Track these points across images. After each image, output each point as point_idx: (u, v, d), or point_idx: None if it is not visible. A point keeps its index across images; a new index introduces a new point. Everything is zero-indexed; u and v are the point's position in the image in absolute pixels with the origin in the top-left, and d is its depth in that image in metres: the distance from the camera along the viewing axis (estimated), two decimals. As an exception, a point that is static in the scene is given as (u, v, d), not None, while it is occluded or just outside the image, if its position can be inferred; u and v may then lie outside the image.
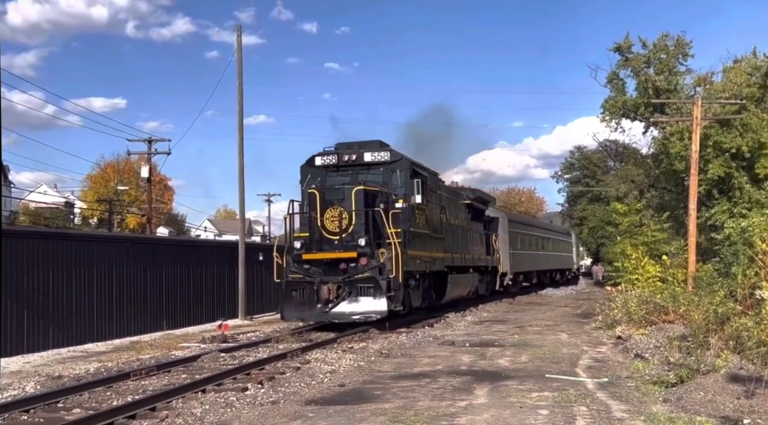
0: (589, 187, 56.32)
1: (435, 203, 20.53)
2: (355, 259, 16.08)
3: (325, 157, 18.49)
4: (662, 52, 31.92)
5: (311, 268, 16.38)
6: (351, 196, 16.50)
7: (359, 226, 16.34)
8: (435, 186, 20.95)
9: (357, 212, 16.40)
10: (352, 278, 15.97)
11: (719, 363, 9.44)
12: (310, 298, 16.17)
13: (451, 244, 21.85)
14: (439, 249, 20.38)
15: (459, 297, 23.55)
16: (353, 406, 8.11)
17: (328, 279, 16.05)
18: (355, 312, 15.81)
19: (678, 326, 13.94)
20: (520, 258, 33.93)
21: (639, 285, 20.22)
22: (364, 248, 16.01)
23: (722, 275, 19.01)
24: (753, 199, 26.59)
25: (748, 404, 7.54)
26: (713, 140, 26.87)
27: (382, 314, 15.69)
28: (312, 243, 16.74)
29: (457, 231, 23.18)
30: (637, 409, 7.77)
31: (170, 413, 7.92)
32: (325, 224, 16.48)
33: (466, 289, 23.98)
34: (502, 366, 11.21)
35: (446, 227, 21.64)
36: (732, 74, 29.32)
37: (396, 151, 18.86)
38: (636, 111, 33.06)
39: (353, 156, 18.17)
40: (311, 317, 16.74)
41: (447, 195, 22.85)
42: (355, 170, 18.13)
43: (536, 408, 7.82)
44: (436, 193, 20.92)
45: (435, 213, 20.30)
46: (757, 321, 10.79)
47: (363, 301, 15.75)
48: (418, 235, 18.28)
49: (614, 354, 12.57)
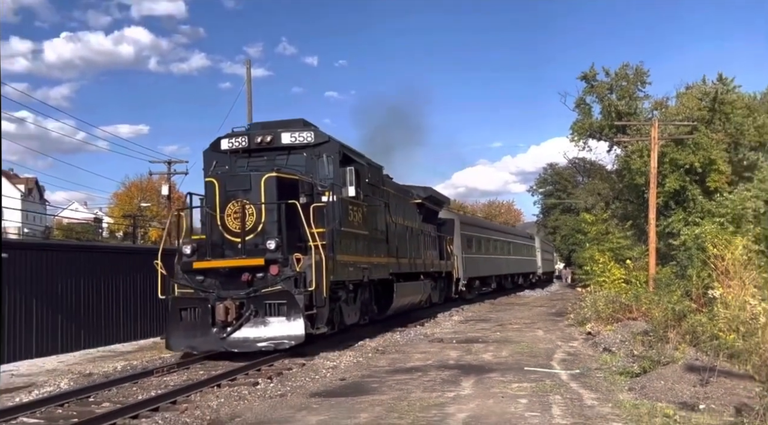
0: (561, 200, 56.47)
1: (378, 200, 15.45)
2: (263, 268, 11.21)
3: (233, 140, 13.29)
4: (623, 80, 32.20)
5: (206, 280, 11.44)
6: (260, 186, 11.52)
7: (270, 225, 11.47)
8: (378, 180, 15.84)
9: (267, 206, 11.49)
10: (258, 293, 11.12)
11: (677, 355, 9.46)
12: (203, 320, 11.18)
13: (397, 248, 16.83)
14: (382, 253, 15.33)
15: (408, 307, 18.70)
16: (353, 398, 8.08)
17: (226, 294, 11.14)
18: (261, 337, 10.99)
19: (641, 322, 13.94)
20: (475, 262, 28.88)
21: (606, 287, 20.23)
22: (275, 253, 11.15)
23: (679, 277, 19.06)
24: (705, 209, 26.68)
25: (703, 391, 7.55)
26: (669, 157, 27.08)
27: (298, 339, 10.90)
28: (208, 247, 11.84)
29: (405, 233, 18.00)
30: (606, 397, 7.77)
31: (189, 406, 7.88)
32: (227, 222, 11.53)
33: (417, 298, 19.09)
34: (485, 360, 11.18)
35: (392, 228, 16.49)
36: (685, 99, 29.59)
37: (323, 133, 13.49)
38: (601, 132, 33.27)
39: (267, 137, 13.04)
40: (204, 345, 11.42)
41: (394, 192, 17.63)
42: (272, 155, 13.18)
43: (516, 398, 7.81)
44: (379, 188, 15.80)
45: (377, 212, 15.19)
46: (709, 318, 10.84)
47: (273, 323, 11.01)
48: (352, 236, 13.21)
49: (585, 348, 12.55)
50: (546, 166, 61.98)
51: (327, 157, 13.27)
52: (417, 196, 20.49)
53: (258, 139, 13.13)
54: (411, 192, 20.20)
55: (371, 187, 15.02)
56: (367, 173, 14.85)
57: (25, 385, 9.61)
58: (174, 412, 7.55)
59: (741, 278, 12.20)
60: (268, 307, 11.10)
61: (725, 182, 27.58)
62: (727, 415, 6.66)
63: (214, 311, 11.01)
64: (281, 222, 11.53)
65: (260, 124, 13.99)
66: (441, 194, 24.36)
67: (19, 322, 12.82)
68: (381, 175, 16.42)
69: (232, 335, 11.06)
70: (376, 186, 15.50)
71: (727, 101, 28.99)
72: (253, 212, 11.52)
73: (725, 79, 30.12)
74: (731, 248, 13.09)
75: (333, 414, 7.18)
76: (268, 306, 11.10)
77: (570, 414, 6.87)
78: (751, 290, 11.56)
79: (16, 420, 7.45)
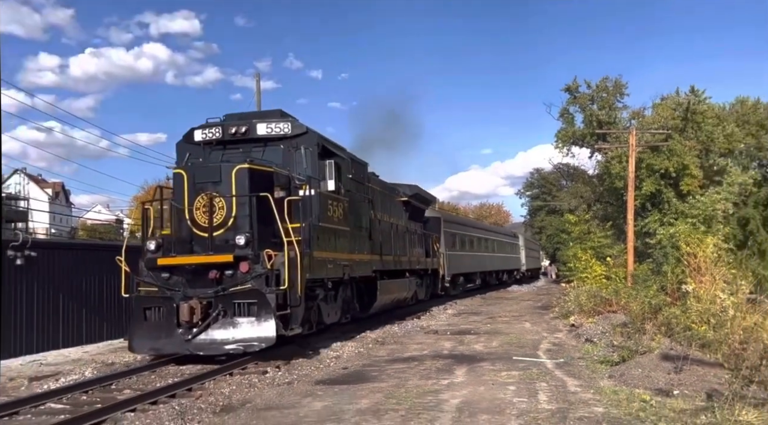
0: (547, 202, 56.43)
1: (361, 196, 14.13)
2: (232, 265, 9.81)
3: (206, 131, 11.88)
4: (603, 91, 32.23)
5: (172, 278, 10.07)
6: (230, 177, 10.18)
7: (241, 219, 10.10)
8: (362, 176, 14.40)
9: (238, 199, 10.13)
10: (226, 291, 9.74)
11: (653, 345, 9.46)
12: (168, 321, 9.82)
13: (381, 245, 15.39)
14: (365, 250, 13.98)
15: (393, 304, 17.20)
16: (355, 385, 8.08)
17: (193, 293, 9.79)
18: (229, 339, 9.58)
19: (620, 315, 13.93)
20: (459, 259, 27.45)
21: (588, 282, 20.22)
22: (245, 249, 9.79)
23: (655, 273, 19.13)
24: (679, 211, 26.79)
25: (677, 378, 7.56)
26: (646, 163, 27.13)
27: (269, 341, 9.52)
28: (175, 243, 10.41)
29: (390, 230, 16.57)
30: (588, 384, 7.77)
31: (204, 392, 7.88)
32: (195, 217, 10.16)
33: (402, 295, 17.69)
34: (477, 350, 11.17)
35: (376, 225, 15.14)
36: (660, 109, 29.64)
37: (301, 124, 12.03)
38: (583, 139, 33.27)
39: (242, 128, 11.69)
40: (168, 347, 9.97)
41: (380, 189, 16.26)
42: (247, 147, 11.79)
43: (506, 385, 7.81)
44: (363, 184, 14.43)
45: (360, 208, 13.84)
46: (683, 310, 10.86)
47: (242, 324, 9.62)
48: (331, 232, 11.86)
49: (569, 339, 12.54)
50: (533, 170, 62.02)
51: (305, 149, 11.76)
52: (403, 194, 18.97)
53: (232, 130, 11.71)
54: (397, 190, 18.65)
55: (354, 183, 13.57)
56: (350, 168, 13.31)
57: (52, 374, 9.59)
58: (189, 398, 7.55)
59: (712, 274, 12.21)
60: (237, 307, 9.69)
61: (697, 186, 27.62)
62: (699, 400, 6.67)
63: (178, 311, 9.63)
64: (252, 216, 10.12)
65: (236, 115, 12.44)
66: (427, 193, 22.54)
67: (47, 316, 12.82)
68: (365, 172, 14.90)
69: (198, 337, 9.65)
70: (359, 182, 14.05)
71: (699, 111, 29.04)
72: (223, 206, 10.13)
73: (697, 91, 30.15)
74: (703, 246, 13.11)
75: (336, 400, 7.18)
76: (237, 305, 9.69)
77: (555, 400, 6.87)
78: (721, 285, 11.56)
79: (45, 405, 7.44)
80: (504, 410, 6.46)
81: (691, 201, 26.82)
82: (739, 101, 34.37)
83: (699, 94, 30.08)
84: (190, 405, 7.10)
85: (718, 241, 14.97)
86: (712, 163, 29.68)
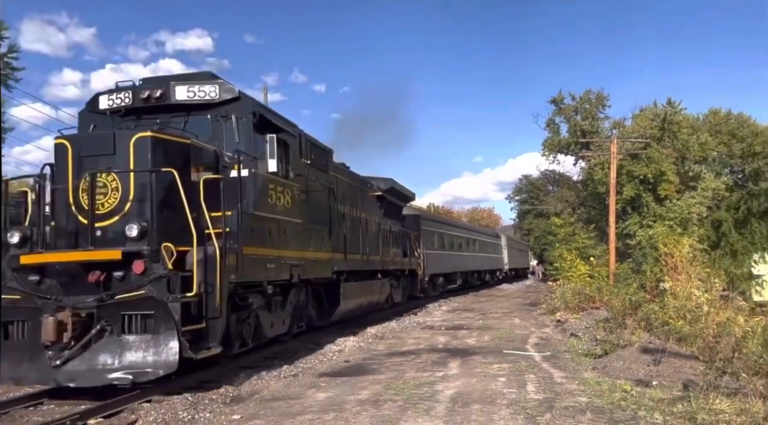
0: (534, 206, 56.55)
1: (321, 184, 11.26)
2: (122, 264, 6.88)
3: (114, 96, 8.75)
4: (586, 103, 32.36)
5: (45, 282, 7.10)
6: (128, 149, 7.26)
7: (140, 204, 7.18)
8: (323, 163, 11.51)
9: (137, 177, 7.20)
10: (112, 300, 6.83)
11: (634, 339, 9.46)
12: (33, 340, 6.85)
13: (346, 242, 12.50)
14: (324, 247, 11.09)
15: (363, 309, 14.43)
16: (356, 377, 8.07)
17: (69, 301, 6.87)
18: (113, 366, 6.65)
19: (602, 311, 13.92)
20: (439, 259, 24.82)
21: (573, 281, 20.22)
22: (139, 243, 6.92)
23: (635, 272, 19.10)
24: (657, 214, 26.82)
25: (656, 370, 7.57)
26: (626, 169, 27.19)
27: (168, 368, 6.62)
28: (56, 236, 7.43)
29: (359, 226, 13.69)
30: (573, 375, 7.77)
31: (216, 385, 7.85)
32: (81, 200, 7.23)
33: (374, 298, 14.95)
34: (470, 344, 11.16)
35: (340, 220, 12.32)
36: (639, 120, 29.74)
37: (233, 87, 8.82)
38: (568, 148, 33.36)
39: (157, 91, 8.57)
40: (32, 375, 6.85)
41: (348, 181, 13.35)
42: (166, 117, 8.66)
43: (496, 377, 7.81)
44: (325, 173, 11.58)
45: (318, 198, 11.04)
46: (661, 307, 10.87)
47: (132, 344, 6.72)
48: (274, 224, 8.79)
49: (555, 334, 12.54)
50: (521, 177, 62.36)
51: (237, 118, 8.64)
52: (377, 188, 16.09)
53: (144, 95, 8.58)
54: (370, 183, 15.73)
55: (312, 169, 10.69)
56: (303, 149, 10.34)
57: None
58: (203, 391, 7.53)
59: (687, 273, 12.23)
60: (126, 321, 6.73)
61: (674, 190, 27.67)
62: (676, 390, 6.67)
63: (44, 328, 6.61)
64: (153, 199, 7.12)
65: (155, 79, 9.16)
66: (405, 188, 18.99)
67: None
68: (328, 159, 11.89)
69: (69, 362, 6.64)
70: (319, 168, 11.17)
71: (675, 122, 29.15)
72: (117, 186, 7.12)
73: (673, 103, 30.28)
74: (679, 247, 13.14)
75: (339, 391, 7.17)
76: (126, 319, 6.73)
77: (542, 390, 6.88)
78: (696, 283, 11.59)
79: None
80: (495, 400, 6.46)
81: (669, 205, 26.88)
82: (712, 112, 34.48)
83: (675, 105, 30.20)
84: (203, 396, 7.09)
85: (693, 242, 14.99)
86: (687, 170, 29.76)
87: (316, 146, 11.25)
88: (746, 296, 17.54)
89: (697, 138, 29.74)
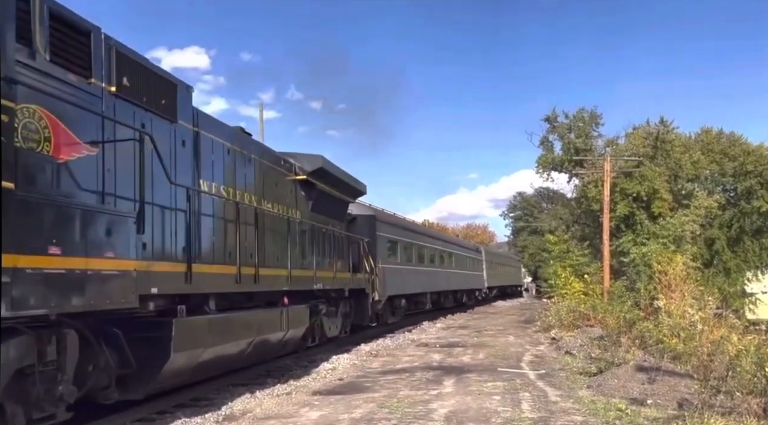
0: (528, 223, 56.74)
1: (134, 132, 5.78)
2: None
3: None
4: (580, 121, 32.62)
5: None
6: None
7: None
8: (142, 89, 6.16)
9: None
10: None
11: (628, 357, 9.46)
12: None
13: (200, 242, 7.18)
14: (112, 249, 5.09)
15: (240, 358, 8.41)
16: (350, 395, 8.00)
17: None
18: None
19: (597, 329, 13.93)
20: (400, 275, 18.76)
21: (567, 298, 20.24)
22: None
23: (629, 289, 19.15)
24: (650, 231, 26.95)
25: (651, 388, 7.55)
26: (620, 187, 27.35)
27: None
28: None
29: (236, 216, 8.02)
30: (568, 394, 7.74)
31: (208, 403, 7.78)
32: None
33: (270, 338, 9.07)
34: (464, 362, 11.11)
35: (176, 196, 6.72)
36: (632, 138, 30.00)
37: None
38: (562, 165, 33.55)
39: None
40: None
41: (229, 144, 8.19)
42: None
43: (491, 395, 7.77)
44: (163, 118, 6.57)
45: (121, 159, 5.71)
46: (655, 324, 10.89)
47: None
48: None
49: (550, 352, 12.49)
50: (516, 194, 62.75)
51: None
52: (300, 170, 10.76)
53: None
54: (288, 162, 10.49)
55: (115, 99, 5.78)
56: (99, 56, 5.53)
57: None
58: (195, 408, 7.45)
59: (681, 290, 12.29)
60: None
61: (667, 208, 27.84)
62: (671, 409, 6.66)
63: None
64: None
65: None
66: (348, 175, 13.18)
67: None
68: (171, 96, 6.81)
69: None
70: (138, 104, 6.15)
71: (668, 140, 29.43)
72: None
73: (666, 122, 30.58)
74: (673, 265, 13.21)
75: (332, 410, 7.11)
76: None
77: (537, 409, 6.84)
78: (690, 301, 11.63)
79: None
80: (489, 419, 6.41)
81: (662, 222, 27.02)
82: (704, 131, 34.85)
83: (668, 124, 30.51)
84: (193, 413, 7.00)
85: (686, 260, 15.07)
86: (680, 188, 30.00)
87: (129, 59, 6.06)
88: (740, 314, 17.61)
89: (690, 156, 30.02)
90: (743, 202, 31.76)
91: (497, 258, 43.07)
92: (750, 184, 31.49)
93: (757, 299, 32.96)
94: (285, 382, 9.25)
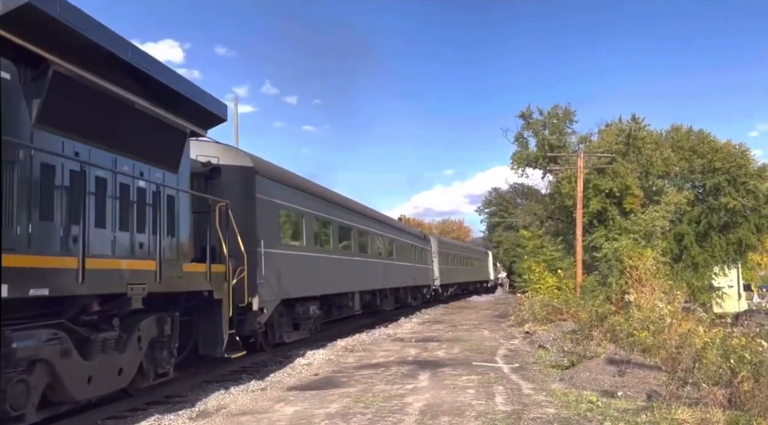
0: (503, 218, 57.32)
1: None
2: None
3: None
4: (554, 118, 32.98)
5: None
6: None
7: None
8: None
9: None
10: None
11: (600, 351, 9.65)
12: None
13: None
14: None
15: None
16: (325, 391, 8.01)
17: None
18: None
19: (570, 323, 14.16)
20: (301, 267, 12.40)
21: (541, 292, 20.51)
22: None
23: (601, 284, 19.50)
24: (622, 227, 27.45)
25: (621, 381, 7.72)
26: (593, 183, 27.80)
27: None
28: None
29: None
30: (541, 387, 7.87)
31: (181, 399, 7.70)
32: None
33: None
34: (439, 356, 11.19)
35: None
36: (605, 135, 30.46)
37: None
38: (536, 161, 33.88)
39: None
40: None
41: None
42: None
43: (466, 388, 7.85)
44: None
45: None
46: (626, 318, 11.13)
47: None
48: None
49: (524, 345, 12.65)
50: (491, 189, 63.19)
51: None
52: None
53: None
54: None
55: None
56: None
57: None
58: (168, 405, 7.36)
59: (651, 285, 12.57)
60: None
61: (638, 204, 28.41)
62: (640, 400, 6.82)
63: None
64: None
65: None
66: (168, 69, 7.23)
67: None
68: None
69: None
70: None
71: (639, 137, 30.00)
72: None
73: (637, 119, 31.15)
74: (643, 260, 13.50)
75: (307, 405, 7.10)
76: None
77: (510, 402, 6.94)
78: (659, 295, 11.90)
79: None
80: (464, 412, 6.48)
81: (633, 218, 27.56)
82: (674, 128, 35.58)
83: (639, 121, 31.09)
84: (166, 410, 6.92)
85: (656, 255, 15.41)
86: (651, 184, 30.64)
87: None
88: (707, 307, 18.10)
89: (661, 153, 30.64)
90: (711, 199, 32.57)
91: (454, 250, 36.42)
92: (718, 181, 32.29)
93: (723, 293, 33.94)
94: (260, 378, 9.21)
